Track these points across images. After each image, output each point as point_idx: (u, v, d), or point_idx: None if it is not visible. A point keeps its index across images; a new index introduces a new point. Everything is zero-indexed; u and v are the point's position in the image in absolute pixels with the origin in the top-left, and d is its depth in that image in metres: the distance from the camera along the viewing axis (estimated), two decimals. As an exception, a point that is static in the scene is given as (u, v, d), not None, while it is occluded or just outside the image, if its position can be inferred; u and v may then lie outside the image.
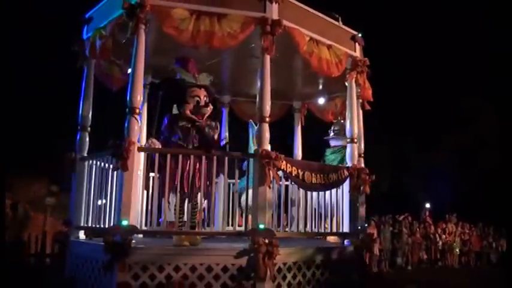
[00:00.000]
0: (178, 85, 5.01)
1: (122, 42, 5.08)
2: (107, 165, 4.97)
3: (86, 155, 5.45)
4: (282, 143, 7.23)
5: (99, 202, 5.07)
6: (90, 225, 5.17)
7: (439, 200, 23.20)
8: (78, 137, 5.50)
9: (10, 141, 10.72)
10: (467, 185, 23.08)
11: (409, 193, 23.91)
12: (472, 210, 19.10)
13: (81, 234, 5.38)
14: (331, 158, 6.60)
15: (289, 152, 7.21)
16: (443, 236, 15.89)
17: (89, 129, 5.55)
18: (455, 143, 23.47)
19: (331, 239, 6.00)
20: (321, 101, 7.27)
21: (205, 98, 5.04)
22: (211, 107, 5.08)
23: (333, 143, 6.88)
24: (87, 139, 5.52)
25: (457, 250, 15.83)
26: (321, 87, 7.04)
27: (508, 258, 15.49)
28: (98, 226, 4.91)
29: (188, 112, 4.95)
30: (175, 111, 5.13)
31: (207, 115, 5.05)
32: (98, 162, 5.20)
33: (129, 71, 6.06)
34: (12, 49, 12.91)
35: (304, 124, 7.65)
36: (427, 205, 22.87)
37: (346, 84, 6.03)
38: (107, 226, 4.72)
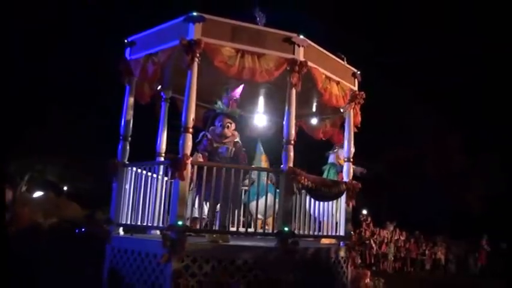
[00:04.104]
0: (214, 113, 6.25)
1: (168, 69, 6.02)
2: (149, 173, 5.91)
3: (127, 162, 6.27)
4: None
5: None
6: (131, 223, 6.03)
7: (377, 207, 25.18)
8: (120, 146, 6.31)
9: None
10: (406, 194, 25.20)
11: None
12: (410, 218, 21.06)
13: (121, 231, 6.21)
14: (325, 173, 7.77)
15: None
16: (379, 242, 17.36)
17: (129, 138, 6.37)
18: (395, 152, 25.51)
19: (325, 241, 7.14)
20: (313, 121, 8.41)
21: (228, 124, 6.21)
22: (237, 134, 6.28)
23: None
24: (128, 147, 6.34)
25: (391, 256, 17.22)
26: (314, 109, 8.20)
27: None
28: (149, 224, 5.78)
29: (213, 134, 6.15)
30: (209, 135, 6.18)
31: (234, 140, 6.25)
32: (139, 170, 6.10)
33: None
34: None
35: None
36: (364, 211, 24.76)
37: (342, 110, 7.22)
38: (155, 224, 5.65)
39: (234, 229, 5.94)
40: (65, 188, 28.55)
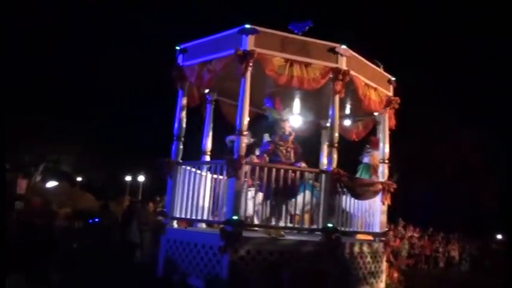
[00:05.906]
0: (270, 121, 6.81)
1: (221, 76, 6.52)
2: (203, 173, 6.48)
3: (180, 160, 6.80)
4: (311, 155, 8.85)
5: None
6: (184, 216, 6.57)
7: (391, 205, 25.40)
8: (174, 146, 6.83)
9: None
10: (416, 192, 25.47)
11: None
12: (423, 216, 21.34)
13: (175, 224, 6.76)
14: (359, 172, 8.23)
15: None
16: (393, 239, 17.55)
17: (182, 139, 6.89)
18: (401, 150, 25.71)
19: (361, 237, 7.60)
20: (347, 122, 8.85)
21: (289, 129, 6.73)
22: (293, 134, 6.71)
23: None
24: (181, 147, 6.87)
25: (405, 253, 17.22)
26: (348, 111, 8.64)
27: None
28: (204, 218, 6.34)
29: (277, 139, 6.67)
30: (267, 138, 6.67)
31: (290, 140, 6.71)
32: (193, 168, 6.64)
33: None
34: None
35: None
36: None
37: (375, 114, 7.70)
38: (210, 219, 6.22)
39: (282, 224, 6.39)
40: (79, 179, 29.35)
